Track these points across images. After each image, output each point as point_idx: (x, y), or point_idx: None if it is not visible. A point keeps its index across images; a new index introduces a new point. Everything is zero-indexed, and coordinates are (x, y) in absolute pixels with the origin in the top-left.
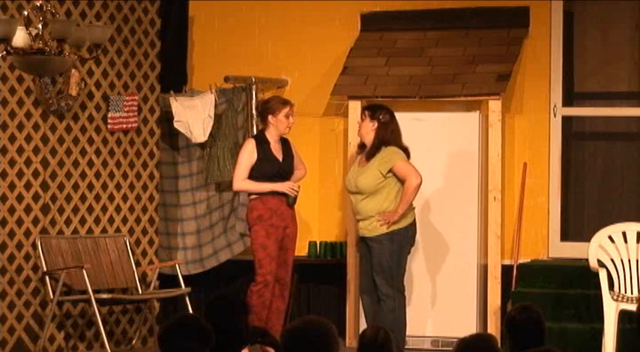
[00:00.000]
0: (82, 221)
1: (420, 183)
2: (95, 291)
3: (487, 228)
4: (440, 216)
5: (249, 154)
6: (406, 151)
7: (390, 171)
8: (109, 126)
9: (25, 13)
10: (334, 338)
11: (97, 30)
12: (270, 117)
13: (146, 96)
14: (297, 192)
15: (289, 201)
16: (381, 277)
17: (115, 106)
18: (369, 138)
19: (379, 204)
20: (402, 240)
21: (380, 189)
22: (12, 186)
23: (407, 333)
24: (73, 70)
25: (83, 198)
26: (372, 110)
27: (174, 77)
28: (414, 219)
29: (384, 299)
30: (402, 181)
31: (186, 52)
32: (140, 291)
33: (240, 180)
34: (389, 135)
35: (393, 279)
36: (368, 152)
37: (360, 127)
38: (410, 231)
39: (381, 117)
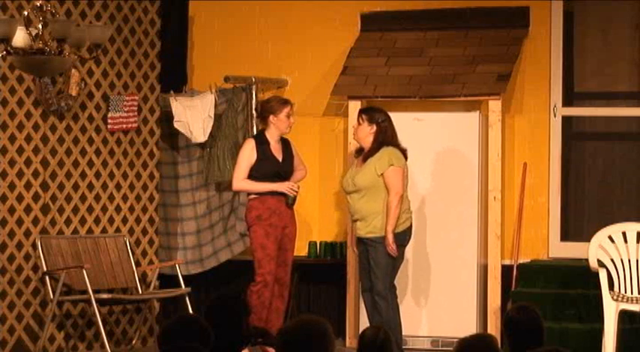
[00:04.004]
0: (82, 221)
1: (400, 198)
2: (95, 291)
3: (487, 228)
4: (440, 216)
5: (248, 154)
6: (404, 152)
7: (382, 174)
8: (109, 126)
9: (25, 13)
10: (330, 338)
11: (97, 30)
12: (271, 117)
13: (146, 96)
14: (297, 192)
15: (288, 201)
16: (376, 278)
17: (115, 106)
18: (368, 141)
19: (376, 203)
20: (399, 242)
21: (377, 186)
22: (12, 186)
23: (407, 333)
24: (73, 70)
25: (83, 198)
26: (369, 113)
27: (174, 77)
28: (411, 224)
29: (378, 300)
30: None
31: (186, 52)
32: (140, 291)
33: (240, 180)
34: (389, 138)
35: (387, 280)
36: (366, 154)
37: (356, 131)
38: (407, 235)
39: (380, 120)
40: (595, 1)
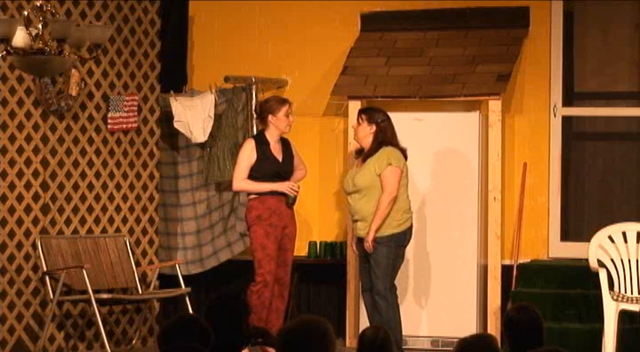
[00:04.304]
0: (82, 221)
1: (393, 199)
2: (95, 291)
3: (487, 228)
4: (440, 216)
5: (248, 154)
6: (404, 152)
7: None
8: (109, 127)
9: (25, 13)
10: (331, 338)
11: (97, 30)
12: (270, 116)
13: (146, 96)
14: (297, 192)
15: (288, 201)
16: (376, 278)
17: (115, 106)
18: (367, 142)
19: (376, 204)
20: (399, 243)
21: (377, 186)
22: (12, 186)
23: (407, 333)
24: (73, 70)
25: (83, 198)
26: (368, 113)
27: (174, 77)
28: (412, 224)
29: (378, 299)
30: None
31: (186, 52)
32: (140, 291)
33: (240, 180)
34: (389, 138)
35: (387, 280)
36: (366, 154)
37: (356, 131)
38: (407, 235)
39: (379, 120)
40: (595, 1)
